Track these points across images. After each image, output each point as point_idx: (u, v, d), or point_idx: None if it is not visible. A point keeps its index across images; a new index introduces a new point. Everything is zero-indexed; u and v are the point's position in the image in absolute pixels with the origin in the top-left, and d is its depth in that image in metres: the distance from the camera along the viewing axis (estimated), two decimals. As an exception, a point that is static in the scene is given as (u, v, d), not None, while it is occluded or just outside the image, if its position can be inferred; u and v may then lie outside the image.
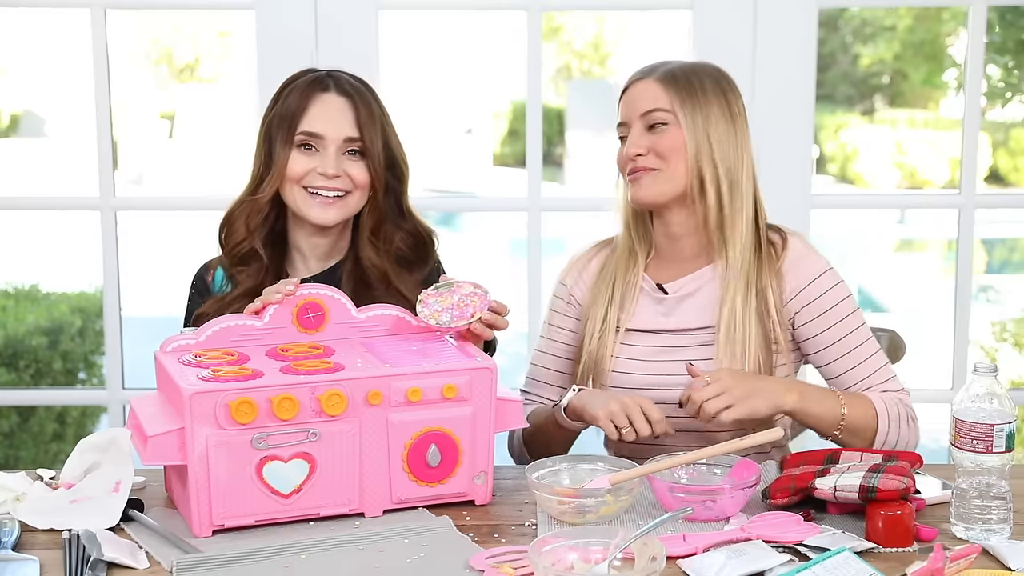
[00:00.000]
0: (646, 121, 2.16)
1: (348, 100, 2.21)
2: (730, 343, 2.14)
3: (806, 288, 2.16)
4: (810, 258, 2.19)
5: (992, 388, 1.79)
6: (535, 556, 1.61)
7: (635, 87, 2.19)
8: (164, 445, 1.80)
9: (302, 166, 2.19)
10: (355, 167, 2.20)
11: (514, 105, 16.46)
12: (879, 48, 15.10)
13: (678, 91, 2.15)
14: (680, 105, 2.14)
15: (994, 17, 7.23)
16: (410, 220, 2.29)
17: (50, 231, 10.67)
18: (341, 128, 2.19)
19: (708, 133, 2.14)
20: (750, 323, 2.14)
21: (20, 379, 4.80)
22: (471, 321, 2.03)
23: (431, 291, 2.06)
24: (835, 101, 16.33)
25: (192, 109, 16.05)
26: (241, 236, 2.24)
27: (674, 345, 2.19)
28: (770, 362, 2.16)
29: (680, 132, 2.14)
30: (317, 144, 2.19)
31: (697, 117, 2.14)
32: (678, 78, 2.17)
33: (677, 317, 2.20)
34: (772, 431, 1.99)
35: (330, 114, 2.20)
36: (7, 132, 15.87)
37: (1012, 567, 1.68)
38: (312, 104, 2.20)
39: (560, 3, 3.74)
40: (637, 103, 2.18)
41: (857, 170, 14.68)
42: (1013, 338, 5.67)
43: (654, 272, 2.25)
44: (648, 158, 2.15)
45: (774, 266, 2.17)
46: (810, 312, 2.17)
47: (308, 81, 2.22)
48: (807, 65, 3.07)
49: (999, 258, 11.43)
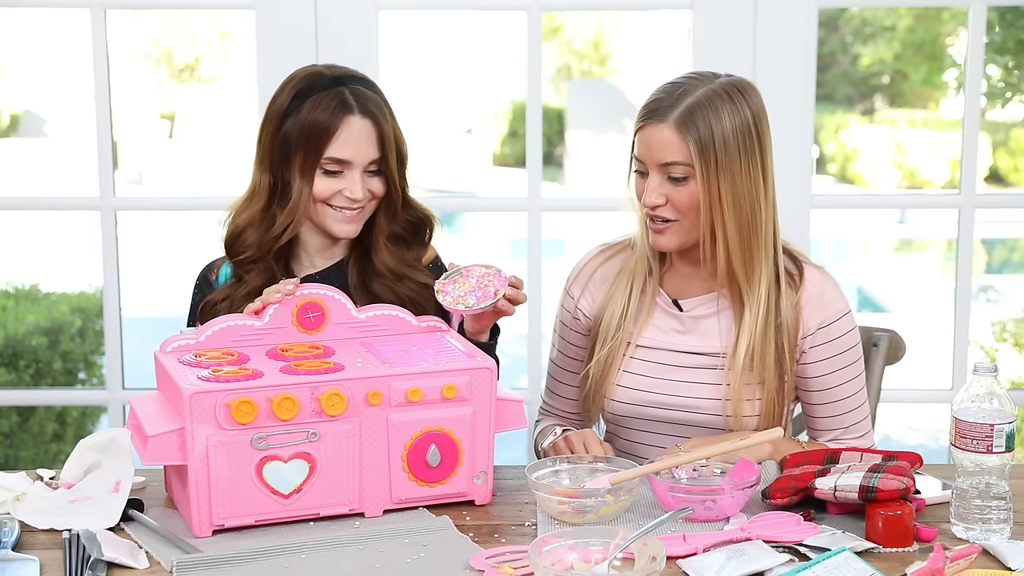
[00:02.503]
0: (664, 172, 2.07)
1: (372, 122, 2.18)
2: (747, 373, 2.11)
3: (825, 328, 2.14)
4: (832, 296, 2.16)
5: (992, 388, 1.79)
6: (535, 556, 1.61)
7: (653, 130, 2.06)
8: (164, 445, 1.80)
9: (328, 188, 2.18)
10: (376, 182, 2.21)
11: (514, 105, 16.47)
12: (879, 48, 15.10)
13: (695, 142, 2.03)
14: (698, 160, 2.03)
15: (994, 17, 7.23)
16: (411, 209, 2.28)
17: (50, 231, 10.68)
18: (367, 153, 2.18)
19: (722, 191, 2.04)
20: (769, 358, 2.12)
21: (20, 379, 4.80)
22: (497, 300, 2.03)
23: (445, 279, 2.06)
24: (835, 101, 16.34)
25: (192, 109, 16.05)
26: (252, 253, 2.22)
27: (684, 365, 2.17)
28: (783, 394, 2.14)
29: (696, 187, 2.05)
30: (344, 168, 2.18)
31: (712, 171, 2.03)
32: (695, 123, 2.03)
33: (692, 338, 2.17)
34: (772, 431, 2.00)
35: (357, 139, 2.17)
36: (7, 132, 15.87)
37: (1012, 567, 1.68)
38: (340, 130, 2.16)
39: (560, 3, 3.74)
40: (655, 152, 2.06)
41: (857, 170, 14.68)
42: (1013, 338, 5.66)
43: (669, 286, 2.21)
44: (666, 208, 2.08)
45: (792, 299, 2.14)
46: (821, 352, 2.15)
47: (334, 102, 2.17)
48: (807, 65, 3.07)
49: (999, 258, 11.43)
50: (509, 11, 3.21)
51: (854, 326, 2.17)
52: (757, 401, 2.12)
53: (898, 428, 6.90)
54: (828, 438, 2.19)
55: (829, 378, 2.15)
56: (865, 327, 2.53)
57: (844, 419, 2.18)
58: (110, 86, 3.09)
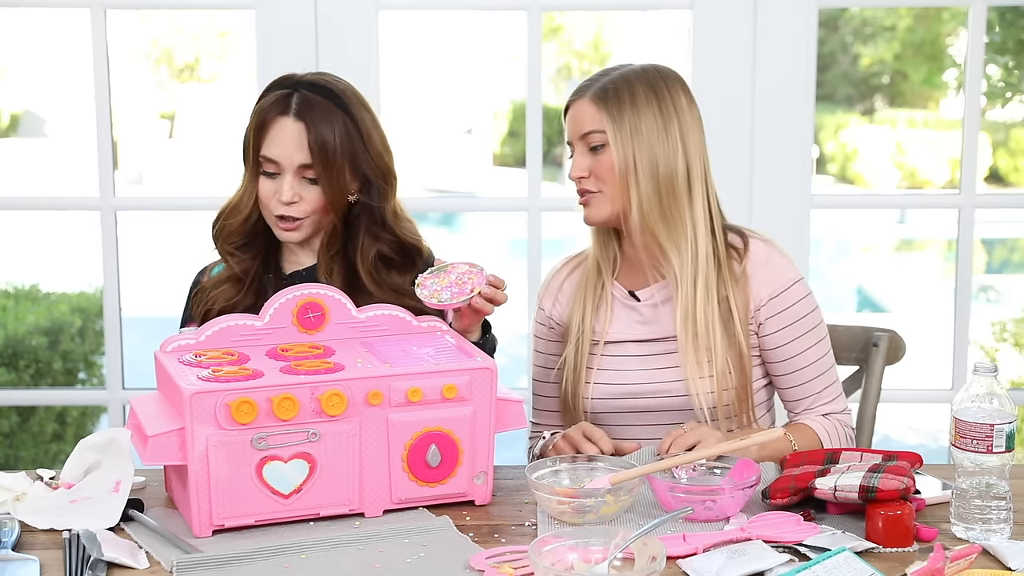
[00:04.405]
0: (586, 143, 2.16)
1: (305, 126, 2.15)
2: (695, 351, 2.14)
3: (776, 298, 2.17)
4: (780, 265, 2.19)
5: (992, 388, 1.79)
6: (535, 556, 1.61)
7: (574, 106, 2.18)
8: (164, 445, 1.80)
9: (266, 190, 2.19)
10: (311, 192, 2.18)
11: (514, 105, 16.45)
12: (879, 48, 15.09)
13: (608, 110, 2.13)
14: (611, 124, 2.13)
15: (994, 17, 7.23)
16: (393, 231, 2.24)
17: (50, 231, 10.68)
18: (294, 155, 2.16)
19: (635, 150, 2.12)
20: (715, 331, 2.14)
21: (20, 379, 4.80)
22: (471, 296, 2.04)
23: (427, 274, 2.09)
24: (835, 101, 16.32)
25: (192, 109, 16.05)
26: (236, 237, 2.24)
27: (648, 353, 2.20)
28: (744, 370, 2.15)
29: (612, 154, 2.13)
30: (275, 169, 2.18)
31: (626, 135, 2.12)
32: (609, 94, 2.14)
33: (654, 325, 2.20)
34: (772, 431, 2.00)
35: (283, 141, 2.16)
36: (7, 132, 15.86)
37: (1012, 567, 1.68)
38: (270, 129, 2.17)
39: (560, 3, 3.74)
40: (576, 124, 2.17)
41: (857, 170, 14.67)
42: (1013, 338, 5.66)
43: (626, 280, 2.25)
44: (590, 180, 2.16)
45: (735, 271, 2.17)
46: (778, 322, 2.17)
47: (272, 101, 2.18)
48: (807, 65, 3.07)
49: (999, 258, 11.43)
50: (509, 11, 3.21)
51: (807, 293, 2.19)
52: (709, 378, 2.14)
53: (898, 428, 6.90)
54: (802, 408, 2.21)
55: (789, 347, 2.17)
56: (865, 327, 2.53)
57: (812, 386, 2.19)
58: (110, 86, 3.09)
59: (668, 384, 2.17)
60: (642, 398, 2.19)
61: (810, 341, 2.19)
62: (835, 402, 2.22)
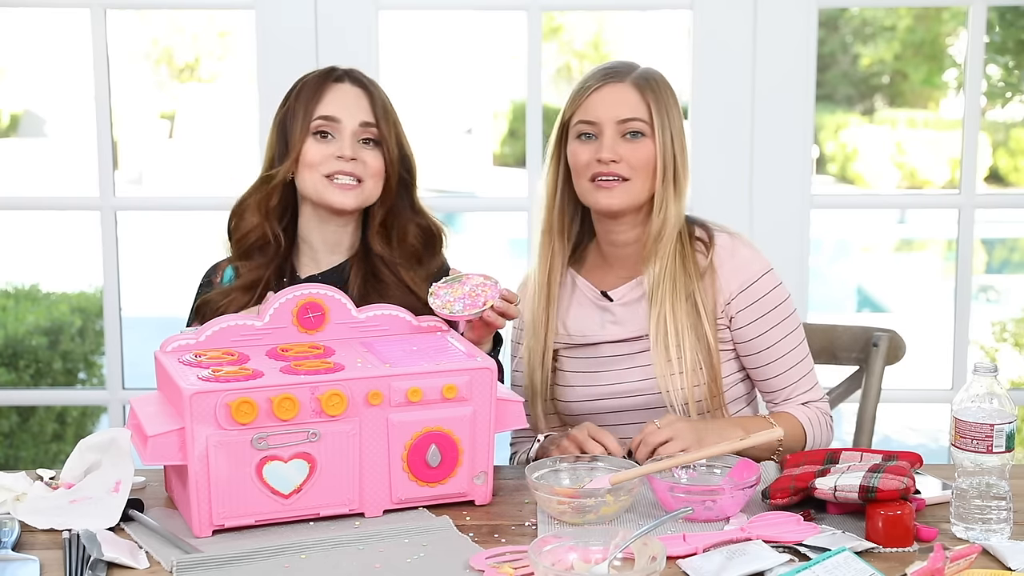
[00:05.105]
0: (622, 129, 2.15)
1: (363, 90, 2.23)
2: (666, 349, 2.14)
3: (746, 290, 2.17)
4: (747, 257, 2.19)
5: (992, 388, 1.79)
6: (535, 556, 1.61)
7: (612, 89, 2.16)
8: (164, 445, 1.80)
9: (320, 152, 2.19)
10: (370, 155, 2.20)
11: (514, 105, 16.45)
12: (879, 48, 15.09)
13: (655, 100, 2.15)
14: (656, 115, 2.14)
15: (994, 17, 7.23)
16: (422, 215, 2.29)
17: (50, 231, 10.67)
18: (356, 113, 2.20)
19: (674, 145, 2.15)
20: (682, 328, 2.14)
21: (20, 379, 4.80)
22: (484, 309, 2.04)
23: (441, 284, 2.09)
24: (835, 101, 16.32)
25: (192, 109, 16.04)
26: (253, 223, 2.23)
27: (620, 353, 2.21)
28: (713, 365, 2.16)
29: (652, 145, 2.14)
30: (333, 130, 2.19)
31: (666, 128, 2.15)
32: (651, 84, 2.16)
33: (626, 325, 2.20)
34: (771, 431, 2.00)
35: (346, 100, 2.21)
36: (7, 132, 15.86)
37: (1012, 567, 1.68)
38: (327, 92, 2.21)
39: (560, 3, 3.74)
40: (613, 108, 2.15)
41: (857, 170, 14.67)
42: (1013, 338, 5.66)
43: (597, 279, 2.25)
44: (622, 167, 2.14)
45: (700, 265, 2.17)
46: (749, 315, 2.17)
47: (322, 73, 2.25)
48: (807, 65, 3.07)
49: (999, 258, 11.43)
50: (509, 11, 3.21)
51: (778, 283, 2.19)
52: (680, 375, 2.14)
53: (898, 428, 6.90)
54: (782, 398, 2.21)
55: (763, 339, 2.18)
56: (865, 327, 2.53)
57: (789, 375, 2.20)
58: (110, 86, 3.09)
59: (641, 383, 2.18)
60: (617, 398, 2.19)
61: (783, 331, 2.19)
62: (813, 390, 2.23)
